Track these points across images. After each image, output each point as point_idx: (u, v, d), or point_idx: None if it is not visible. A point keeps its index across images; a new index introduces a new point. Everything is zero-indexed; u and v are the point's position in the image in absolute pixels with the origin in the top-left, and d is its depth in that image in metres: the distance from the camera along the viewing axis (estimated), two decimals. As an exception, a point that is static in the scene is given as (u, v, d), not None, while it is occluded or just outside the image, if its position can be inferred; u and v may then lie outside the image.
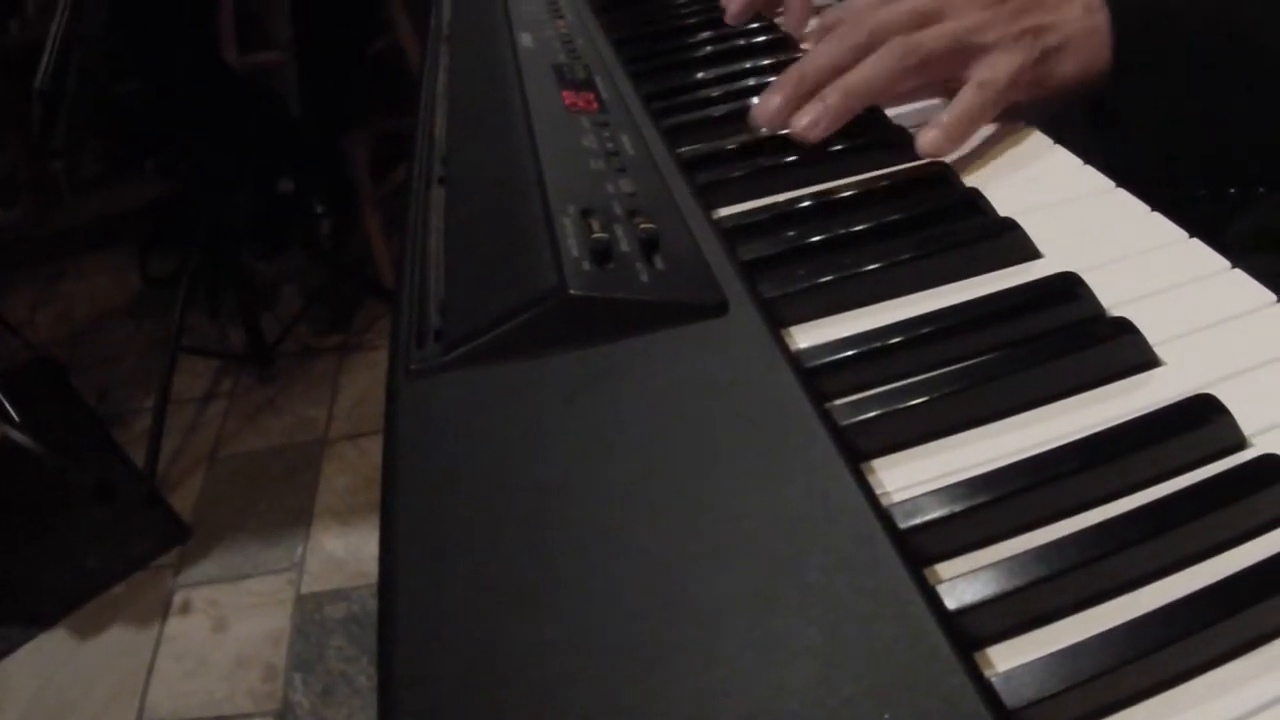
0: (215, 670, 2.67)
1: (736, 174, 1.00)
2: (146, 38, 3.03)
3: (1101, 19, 1.02)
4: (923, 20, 1.03)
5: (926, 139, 0.99)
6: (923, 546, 0.60)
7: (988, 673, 0.54)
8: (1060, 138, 1.00)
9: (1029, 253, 0.85)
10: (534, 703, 0.53)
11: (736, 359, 0.72)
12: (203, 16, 3.34)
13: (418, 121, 1.17)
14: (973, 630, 0.56)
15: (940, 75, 1.03)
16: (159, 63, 3.08)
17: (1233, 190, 1.04)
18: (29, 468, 3.09)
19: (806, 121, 1.02)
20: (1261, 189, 1.04)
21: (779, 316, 0.80)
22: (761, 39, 1.33)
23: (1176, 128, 1.04)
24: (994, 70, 1.00)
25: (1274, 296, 0.77)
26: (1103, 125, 1.06)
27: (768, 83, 1.14)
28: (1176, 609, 0.55)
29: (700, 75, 1.25)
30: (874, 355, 0.74)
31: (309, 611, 2.74)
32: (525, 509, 0.63)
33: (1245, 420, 0.66)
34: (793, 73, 1.06)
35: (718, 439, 0.65)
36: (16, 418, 3.07)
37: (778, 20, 1.38)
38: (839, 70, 1.03)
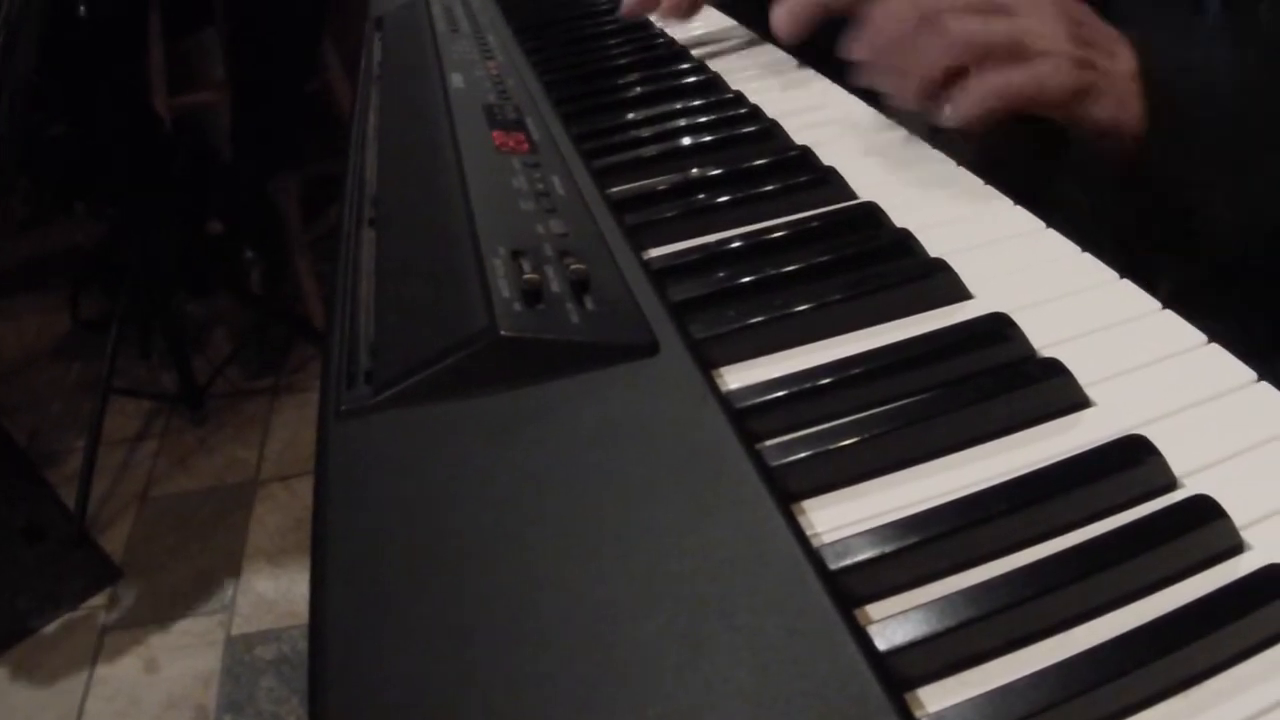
0: (146, 712, 2.64)
1: (667, 214, 1.00)
2: (75, 80, 3.02)
3: (1137, 88, 1.01)
4: (992, 8, 1.02)
5: (950, 111, 1.00)
6: (853, 587, 0.60)
7: (918, 714, 0.54)
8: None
9: (960, 293, 0.85)
10: (463, 746, 0.53)
11: (667, 400, 0.72)
12: (131, 59, 3.33)
13: (348, 162, 1.17)
14: (903, 671, 0.56)
15: (984, 65, 1.01)
16: (88, 105, 3.07)
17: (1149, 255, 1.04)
18: (-44, 509, 3.07)
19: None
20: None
21: (709, 357, 0.79)
22: (692, 80, 1.34)
23: (1164, 199, 1.05)
24: (1044, 73, 0.99)
25: (1204, 337, 0.77)
26: (1086, 177, 1.06)
27: (698, 123, 1.14)
28: (1108, 650, 0.55)
29: (631, 116, 1.25)
30: (804, 396, 0.74)
31: (239, 652, 2.73)
32: (455, 550, 0.62)
33: (1176, 461, 0.66)
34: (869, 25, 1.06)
35: (648, 480, 0.65)
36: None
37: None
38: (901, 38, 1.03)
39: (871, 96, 1.19)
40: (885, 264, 0.88)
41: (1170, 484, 0.66)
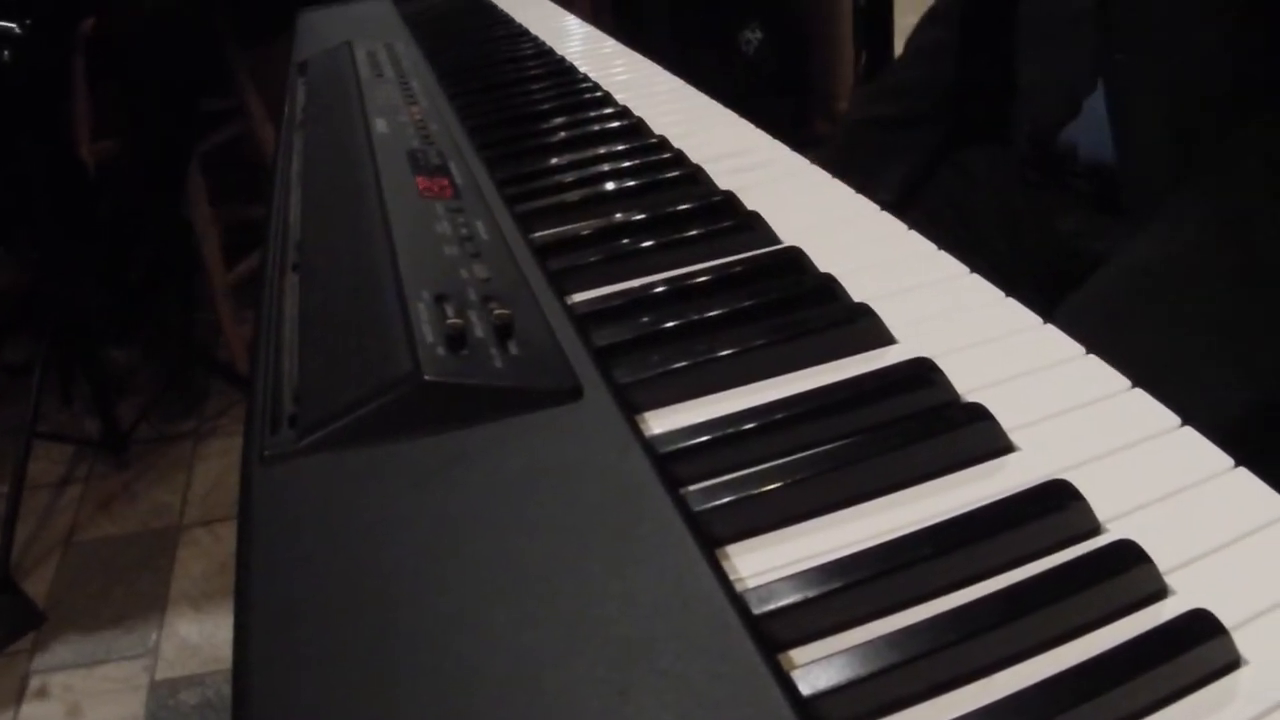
0: (69, 758, 2.63)
1: (590, 259, 1.00)
2: (-3, 125, 3.01)
3: None
4: None
5: None
6: (777, 632, 0.60)
7: (843, 760, 0.53)
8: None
9: (883, 338, 0.85)
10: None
11: (590, 445, 0.72)
12: (52, 104, 3.30)
13: (271, 207, 1.16)
14: (827, 716, 0.55)
15: None
16: (10, 150, 3.05)
17: None
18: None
19: None
20: None
21: (633, 402, 0.79)
22: (615, 124, 1.34)
23: None
24: None
25: (1129, 382, 0.78)
26: None
27: (621, 168, 1.14)
28: (1031, 695, 0.55)
29: (554, 161, 1.25)
30: (728, 441, 0.74)
31: (163, 697, 2.70)
32: (379, 595, 0.62)
33: (1100, 506, 0.67)
34: None
35: (571, 525, 0.65)
36: None
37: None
38: None
39: (797, 142, 1.20)
40: (809, 309, 0.89)
41: (1094, 529, 0.66)
